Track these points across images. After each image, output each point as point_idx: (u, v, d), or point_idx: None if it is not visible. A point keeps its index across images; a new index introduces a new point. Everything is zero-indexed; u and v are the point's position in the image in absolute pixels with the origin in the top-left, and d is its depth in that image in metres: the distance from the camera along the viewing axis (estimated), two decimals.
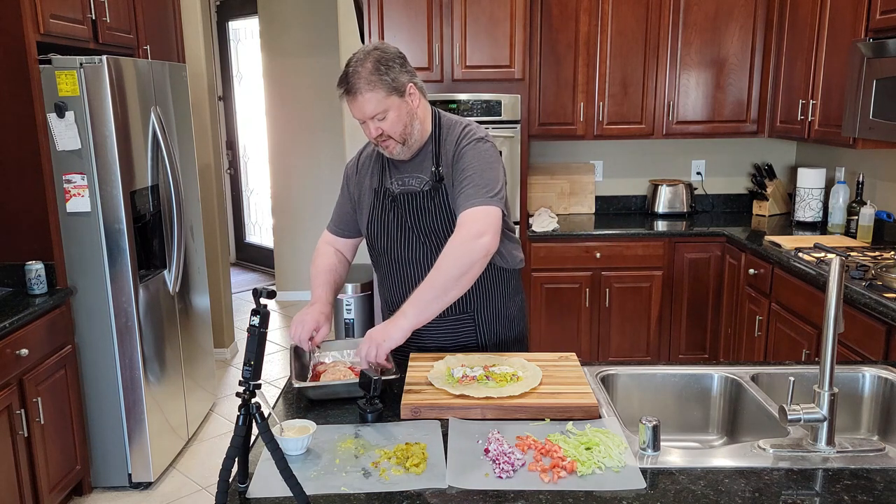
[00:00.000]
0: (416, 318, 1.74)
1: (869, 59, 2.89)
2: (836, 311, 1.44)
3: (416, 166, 1.97)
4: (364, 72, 1.81)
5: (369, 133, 1.89)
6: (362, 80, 1.81)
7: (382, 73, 1.82)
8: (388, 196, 1.99)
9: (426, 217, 1.95)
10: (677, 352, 4.03)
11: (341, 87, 1.85)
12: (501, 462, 1.41)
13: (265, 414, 1.33)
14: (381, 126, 1.87)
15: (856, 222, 3.46)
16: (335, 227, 2.17)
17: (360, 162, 2.09)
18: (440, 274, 1.75)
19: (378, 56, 1.83)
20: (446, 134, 1.97)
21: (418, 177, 1.96)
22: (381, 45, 1.88)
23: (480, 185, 1.83)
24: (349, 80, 1.82)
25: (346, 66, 1.85)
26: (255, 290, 1.32)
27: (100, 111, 2.88)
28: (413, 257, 1.99)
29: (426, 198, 1.94)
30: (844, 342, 2.64)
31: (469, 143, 1.91)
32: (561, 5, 3.95)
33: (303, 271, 6.15)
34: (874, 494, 1.32)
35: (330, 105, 5.74)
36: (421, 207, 1.95)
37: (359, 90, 1.81)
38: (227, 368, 4.69)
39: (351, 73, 1.82)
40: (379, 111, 1.84)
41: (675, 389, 1.89)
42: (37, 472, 2.71)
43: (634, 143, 4.41)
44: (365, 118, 1.86)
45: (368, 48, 1.86)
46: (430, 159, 1.96)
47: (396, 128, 1.88)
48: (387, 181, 2.00)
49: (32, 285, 2.82)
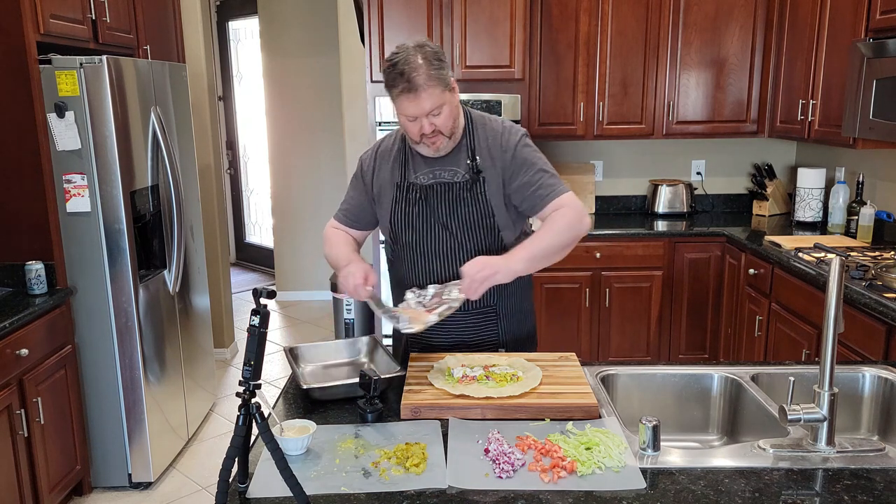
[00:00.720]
0: (526, 266, 1.84)
1: (869, 59, 2.89)
2: (836, 311, 1.44)
3: (448, 160, 1.97)
4: (422, 68, 1.80)
5: (420, 130, 1.86)
6: (422, 75, 1.79)
7: (438, 68, 1.82)
8: (413, 189, 1.98)
9: (461, 208, 1.96)
10: (677, 352, 4.03)
11: (399, 84, 1.80)
12: (501, 462, 1.41)
13: (265, 414, 1.33)
14: (435, 122, 1.86)
15: (856, 222, 3.46)
16: (346, 217, 2.12)
17: (379, 156, 2.06)
18: (554, 235, 1.87)
19: (429, 52, 1.82)
20: (479, 128, 1.99)
21: (451, 169, 1.97)
22: (424, 41, 1.86)
23: (554, 177, 1.95)
24: (409, 77, 1.79)
25: (392, 63, 1.82)
26: (255, 290, 1.32)
27: (100, 111, 2.88)
28: (437, 250, 2.00)
29: (463, 189, 1.96)
30: (844, 342, 2.64)
31: (521, 140, 1.98)
32: (561, 5, 3.95)
33: (303, 271, 6.16)
34: (874, 494, 1.32)
35: (330, 105, 5.74)
36: (458, 198, 1.96)
37: (420, 86, 1.79)
38: (227, 368, 4.69)
39: (409, 70, 1.79)
40: (436, 107, 1.84)
41: (675, 389, 1.89)
42: (37, 472, 2.71)
43: (634, 143, 4.41)
44: (422, 115, 1.84)
45: (412, 44, 1.84)
46: (465, 152, 1.97)
47: (448, 123, 1.89)
48: (410, 175, 1.99)
49: (32, 285, 2.82)
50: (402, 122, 1.90)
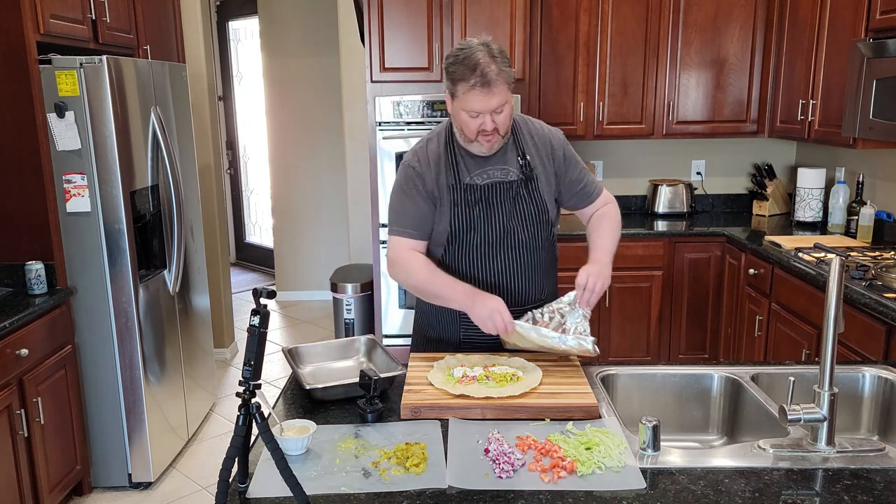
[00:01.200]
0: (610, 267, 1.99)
1: (869, 59, 2.89)
2: (836, 311, 1.44)
3: (498, 159, 2.00)
4: (495, 63, 1.81)
5: (479, 126, 1.87)
6: (494, 71, 1.81)
7: (507, 66, 1.85)
8: (470, 190, 1.99)
9: (520, 204, 2.01)
10: (677, 352, 4.03)
11: (471, 79, 1.80)
12: (501, 462, 1.41)
13: (265, 414, 1.33)
14: (497, 120, 1.87)
15: (856, 222, 3.46)
16: (417, 231, 2.01)
17: (428, 159, 2.02)
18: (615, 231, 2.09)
19: (496, 50, 1.85)
20: (523, 127, 2.05)
21: (503, 168, 2.00)
22: (487, 39, 1.87)
23: (591, 174, 2.14)
24: (483, 72, 1.80)
25: (463, 57, 1.82)
26: (255, 290, 1.32)
27: (100, 111, 2.88)
28: (499, 247, 2.03)
29: (520, 186, 2.00)
30: (844, 342, 2.64)
31: (564, 140, 2.10)
32: (561, 5, 3.95)
33: (303, 271, 6.16)
34: (874, 494, 1.32)
35: (330, 105, 5.74)
36: (517, 196, 2.00)
37: (494, 81, 1.81)
38: (227, 368, 4.69)
39: (483, 65, 1.80)
40: (502, 104, 1.85)
41: (675, 389, 1.89)
42: (37, 472, 2.71)
43: (634, 143, 4.41)
44: (488, 111, 1.84)
45: (477, 41, 1.85)
46: (515, 151, 2.01)
47: (507, 122, 1.91)
48: (464, 176, 1.99)
49: (32, 285, 2.82)
50: (460, 118, 1.89)
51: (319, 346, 2.02)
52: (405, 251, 2.00)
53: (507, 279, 2.05)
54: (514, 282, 2.05)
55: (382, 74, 3.77)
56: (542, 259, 2.08)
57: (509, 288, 2.05)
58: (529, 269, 2.06)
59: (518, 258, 2.04)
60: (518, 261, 2.04)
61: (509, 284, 2.05)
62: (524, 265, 2.05)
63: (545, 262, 2.10)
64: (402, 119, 3.79)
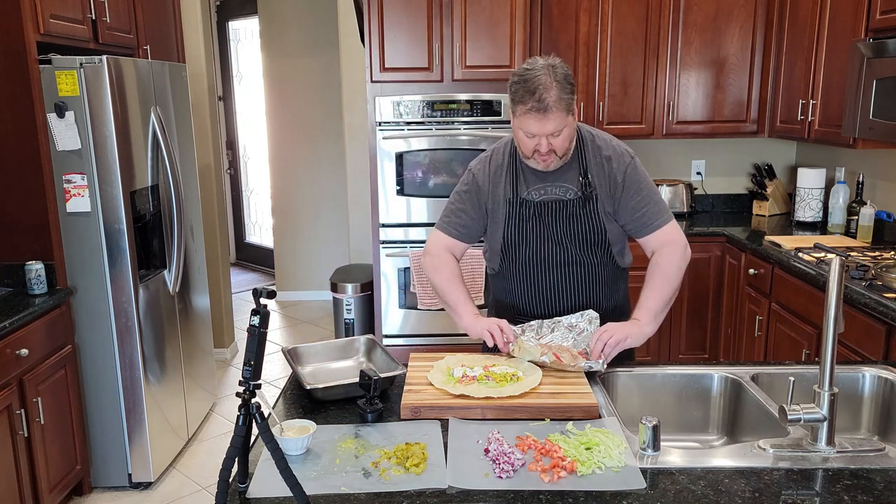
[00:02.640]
0: (652, 327, 1.93)
1: (869, 59, 2.89)
2: (836, 311, 1.44)
3: (559, 175, 1.98)
4: (555, 89, 1.80)
5: (535, 147, 1.87)
6: (553, 97, 1.80)
7: (569, 92, 1.83)
8: (525, 205, 1.99)
9: (574, 224, 1.99)
10: (677, 352, 4.03)
11: (528, 102, 1.80)
12: (501, 462, 1.41)
13: (265, 414, 1.33)
14: (553, 143, 1.86)
15: (856, 222, 3.46)
16: (456, 231, 2.09)
17: (492, 170, 2.04)
18: (669, 284, 1.96)
19: (560, 74, 1.82)
20: (589, 145, 2.01)
21: (563, 185, 1.98)
22: (557, 61, 1.85)
23: (659, 203, 2.01)
24: (541, 97, 1.79)
25: (524, 80, 1.81)
26: (255, 290, 1.32)
27: (100, 111, 2.88)
28: (551, 265, 2.02)
29: (577, 206, 1.98)
30: (844, 342, 2.64)
31: (631, 162, 2.00)
32: (561, 5, 3.95)
33: (303, 271, 6.16)
34: (874, 494, 1.32)
35: (330, 105, 5.74)
36: (572, 215, 1.98)
37: (550, 108, 1.80)
38: (227, 368, 4.69)
39: (541, 91, 1.79)
40: (559, 129, 1.84)
41: (675, 389, 1.90)
42: (37, 472, 2.71)
43: (634, 143, 4.41)
44: (544, 134, 1.84)
45: (543, 62, 1.83)
46: (577, 169, 1.98)
47: (565, 145, 1.90)
48: (522, 191, 2.00)
49: (32, 285, 2.82)
50: (518, 136, 1.90)
51: (319, 346, 2.02)
52: (441, 248, 2.09)
53: (561, 297, 2.05)
54: (567, 300, 2.05)
55: (382, 74, 3.77)
56: (601, 278, 2.06)
57: (562, 306, 2.05)
58: (585, 287, 2.05)
59: (572, 276, 2.03)
60: (572, 279, 2.03)
61: (562, 302, 2.05)
62: (579, 284, 2.04)
63: (605, 282, 2.07)
64: (402, 119, 3.79)
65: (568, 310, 2.05)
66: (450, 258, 2.09)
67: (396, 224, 3.91)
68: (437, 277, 2.07)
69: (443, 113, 3.78)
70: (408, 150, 3.82)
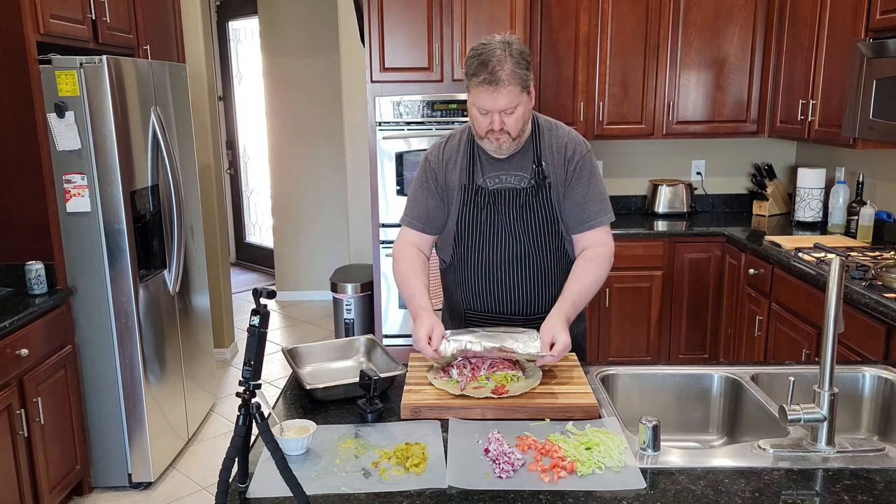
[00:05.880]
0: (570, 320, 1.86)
1: (869, 59, 2.89)
2: (836, 311, 1.44)
3: (514, 164, 1.96)
4: (509, 63, 1.78)
5: (489, 125, 1.85)
6: (507, 71, 1.78)
7: (524, 68, 1.82)
8: (480, 192, 1.96)
9: (527, 213, 1.96)
10: (677, 352, 4.03)
11: (480, 74, 1.79)
12: (501, 462, 1.41)
13: (265, 414, 1.33)
14: (506, 121, 1.84)
15: (856, 222, 3.46)
16: (419, 223, 2.05)
17: (445, 155, 2.02)
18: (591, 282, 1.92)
19: (516, 50, 1.81)
20: (546, 134, 1.99)
21: (517, 174, 1.96)
22: (513, 38, 1.84)
23: (602, 202, 1.98)
24: (492, 70, 1.77)
25: (478, 53, 1.81)
26: (255, 290, 1.32)
27: (100, 111, 2.88)
28: (503, 255, 1.98)
29: (529, 195, 1.95)
30: (844, 342, 2.64)
31: (587, 154, 1.98)
32: (561, 5, 3.95)
33: (303, 271, 6.16)
34: (874, 494, 1.32)
35: (330, 105, 5.74)
36: (524, 205, 1.95)
37: (502, 82, 1.78)
38: (227, 368, 4.69)
39: (494, 63, 1.78)
40: (511, 106, 1.82)
41: (675, 389, 1.89)
42: (37, 472, 2.71)
43: (634, 143, 4.41)
44: (495, 110, 1.82)
45: (501, 39, 1.82)
46: (531, 157, 1.96)
47: (518, 125, 1.87)
48: (477, 178, 1.97)
49: (32, 285, 2.82)
50: (472, 113, 1.88)
51: (319, 346, 2.02)
52: (403, 241, 2.06)
53: (514, 288, 2.01)
54: (521, 291, 2.01)
55: (382, 74, 3.77)
56: (555, 269, 2.01)
57: (516, 297, 2.01)
58: (539, 279, 2.00)
59: (526, 267, 1.99)
60: (526, 270, 1.99)
61: (516, 293, 2.01)
62: (533, 275, 2.00)
63: (559, 273, 2.01)
64: (402, 119, 3.79)
65: (517, 306, 2.01)
66: (411, 251, 2.03)
67: (396, 224, 3.89)
68: (396, 270, 2.01)
69: (443, 113, 3.78)
70: (408, 150, 3.83)
